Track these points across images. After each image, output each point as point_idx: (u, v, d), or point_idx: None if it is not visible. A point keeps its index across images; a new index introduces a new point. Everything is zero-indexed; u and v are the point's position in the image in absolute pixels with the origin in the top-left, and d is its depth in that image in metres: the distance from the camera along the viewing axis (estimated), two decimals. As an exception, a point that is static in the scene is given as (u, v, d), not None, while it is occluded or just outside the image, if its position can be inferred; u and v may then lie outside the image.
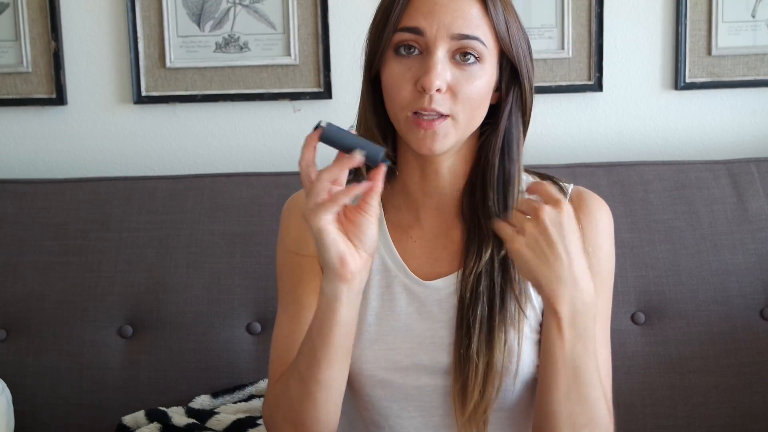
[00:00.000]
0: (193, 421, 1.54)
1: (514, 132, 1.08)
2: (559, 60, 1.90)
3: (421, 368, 1.07)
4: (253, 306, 1.68)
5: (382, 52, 1.03)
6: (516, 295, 1.05)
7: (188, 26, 1.90)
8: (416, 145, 1.02)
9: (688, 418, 1.62)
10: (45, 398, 1.66)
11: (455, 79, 1.00)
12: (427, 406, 1.09)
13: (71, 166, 1.95)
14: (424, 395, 1.08)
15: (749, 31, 1.90)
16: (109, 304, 1.69)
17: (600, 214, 1.10)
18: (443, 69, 0.99)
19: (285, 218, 1.17)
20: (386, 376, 1.08)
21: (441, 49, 0.99)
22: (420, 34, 1.00)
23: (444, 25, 0.99)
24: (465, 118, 1.02)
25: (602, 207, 1.11)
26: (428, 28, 0.99)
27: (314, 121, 1.93)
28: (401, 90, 1.01)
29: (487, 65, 1.02)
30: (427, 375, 1.07)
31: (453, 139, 1.02)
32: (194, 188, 1.77)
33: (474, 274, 1.05)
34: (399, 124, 1.04)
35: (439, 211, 1.11)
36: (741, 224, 1.69)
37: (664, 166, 1.77)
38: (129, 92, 1.93)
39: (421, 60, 1.01)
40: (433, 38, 0.99)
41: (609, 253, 1.11)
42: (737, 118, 1.94)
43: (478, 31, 1.00)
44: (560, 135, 1.94)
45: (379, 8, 1.06)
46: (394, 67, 1.02)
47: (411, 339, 1.08)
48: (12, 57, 1.92)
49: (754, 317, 1.66)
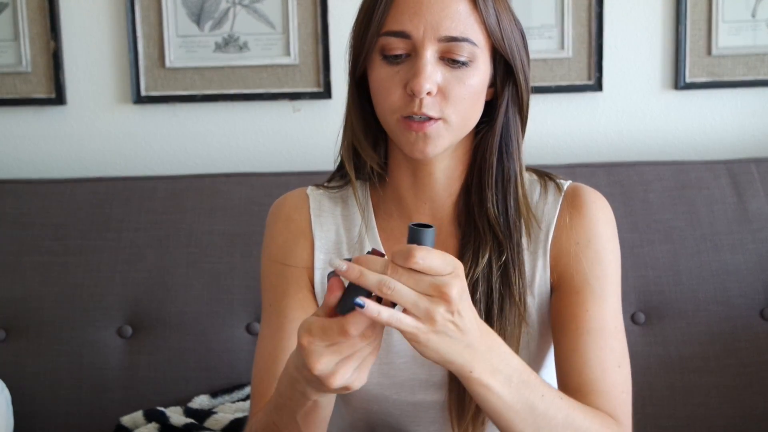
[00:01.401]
0: (192, 421, 1.54)
1: (512, 129, 1.03)
2: (559, 60, 1.90)
3: (416, 383, 1.05)
4: (253, 306, 1.68)
5: (367, 54, 0.99)
6: (516, 302, 1.01)
7: (188, 26, 1.90)
8: (408, 149, 0.98)
9: (688, 418, 1.61)
10: (44, 398, 1.66)
11: (445, 80, 0.96)
12: (423, 420, 1.06)
13: (71, 166, 1.95)
14: (420, 410, 1.06)
15: (749, 31, 1.90)
16: (109, 304, 1.69)
17: (594, 207, 1.05)
18: (432, 71, 0.95)
19: (270, 225, 1.12)
20: (381, 392, 1.05)
21: (429, 51, 0.95)
22: (406, 37, 0.95)
23: (431, 27, 0.94)
24: (458, 120, 0.98)
25: (597, 199, 1.06)
26: (414, 31, 0.95)
27: (314, 121, 1.94)
28: (390, 95, 0.97)
29: (479, 63, 0.97)
30: (423, 390, 1.05)
31: (446, 141, 0.98)
32: (194, 188, 1.77)
33: (470, 280, 1.00)
34: (389, 127, 1.00)
35: (434, 218, 1.07)
36: (741, 224, 1.69)
37: (664, 166, 1.76)
38: (128, 92, 1.93)
39: (409, 62, 0.96)
40: (421, 41, 0.95)
41: (609, 241, 1.05)
42: (737, 118, 1.94)
43: (468, 31, 0.96)
44: (560, 135, 1.93)
45: (361, 8, 1.01)
46: (381, 71, 0.98)
47: (405, 354, 1.04)
48: (11, 57, 1.92)
49: (754, 317, 1.66)
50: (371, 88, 1.01)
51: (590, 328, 1.01)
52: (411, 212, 1.07)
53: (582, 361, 1.00)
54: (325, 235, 1.09)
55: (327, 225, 1.10)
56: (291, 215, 1.11)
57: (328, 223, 1.10)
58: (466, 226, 1.05)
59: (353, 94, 1.05)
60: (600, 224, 1.05)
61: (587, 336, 1.01)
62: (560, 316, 1.03)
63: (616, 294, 1.05)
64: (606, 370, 1.00)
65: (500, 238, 1.02)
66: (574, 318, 1.01)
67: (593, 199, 1.06)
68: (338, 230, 1.10)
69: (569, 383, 1.00)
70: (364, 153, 1.05)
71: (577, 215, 1.04)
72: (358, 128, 1.05)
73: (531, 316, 1.04)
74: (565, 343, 1.01)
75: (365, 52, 0.99)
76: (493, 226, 1.02)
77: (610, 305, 1.03)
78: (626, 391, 1.01)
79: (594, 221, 1.05)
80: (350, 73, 1.05)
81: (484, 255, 1.01)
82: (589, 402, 0.98)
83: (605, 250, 1.05)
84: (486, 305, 1.01)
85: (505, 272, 1.02)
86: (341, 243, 1.09)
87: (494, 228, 1.02)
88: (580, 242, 1.04)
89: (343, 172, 1.10)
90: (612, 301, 1.04)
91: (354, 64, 1.03)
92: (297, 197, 1.12)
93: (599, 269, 1.03)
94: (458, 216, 1.06)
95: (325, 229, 1.10)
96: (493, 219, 1.03)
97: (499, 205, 1.03)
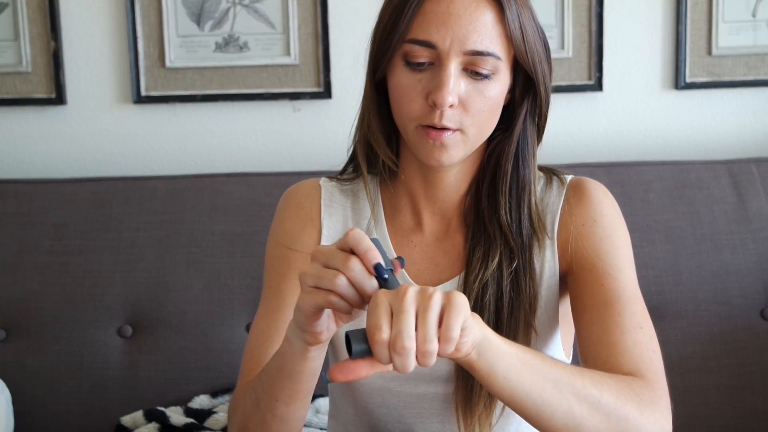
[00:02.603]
0: (192, 421, 1.54)
1: (528, 137, 1.05)
2: (559, 60, 1.90)
3: (420, 376, 1.05)
4: (253, 306, 1.67)
5: (389, 58, 0.98)
6: (526, 310, 1.01)
7: (188, 26, 1.90)
8: (424, 157, 0.99)
9: (688, 418, 1.61)
10: (44, 398, 1.66)
11: (467, 92, 0.96)
12: (425, 413, 1.07)
13: (71, 166, 1.95)
14: (423, 402, 1.06)
15: (749, 30, 1.90)
16: (109, 304, 1.69)
17: (596, 192, 1.07)
18: (456, 84, 0.95)
19: (281, 209, 1.14)
20: (384, 384, 1.06)
21: (454, 63, 0.94)
22: (432, 47, 0.95)
23: (458, 39, 0.94)
24: (475, 132, 0.98)
25: (597, 186, 1.08)
26: (441, 42, 0.94)
27: (314, 121, 1.94)
28: (411, 102, 0.97)
29: (500, 76, 0.98)
30: (426, 383, 1.05)
31: (462, 152, 0.99)
32: (194, 188, 1.77)
33: (479, 282, 1.01)
34: (407, 133, 1.00)
35: (442, 215, 1.08)
36: (741, 224, 1.69)
37: (664, 166, 1.76)
38: (129, 92, 1.93)
39: (432, 72, 0.96)
40: (446, 53, 0.94)
41: (614, 219, 1.07)
42: (737, 118, 1.94)
43: (493, 45, 0.95)
44: (560, 135, 1.93)
45: (385, 10, 1.00)
46: (403, 78, 0.97)
47: None
48: (11, 57, 1.92)
49: (754, 317, 1.66)
50: (391, 91, 1.01)
51: (607, 300, 0.99)
52: (420, 209, 1.09)
53: (601, 329, 0.97)
54: (334, 226, 1.10)
55: (336, 216, 1.11)
56: (302, 202, 1.12)
57: (337, 214, 1.11)
58: (475, 225, 1.05)
59: (370, 93, 1.05)
60: (603, 206, 1.06)
61: (604, 308, 0.99)
62: (577, 296, 1.03)
63: (630, 267, 1.04)
64: (626, 332, 0.96)
65: (512, 244, 1.03)
66: (591, 294, 1.01)
67: (594, 185, 1.08)
68: (347, 222, 1.11)
69: (589, 356, 0.97)
70: (380, 149, 1.06)
71: (579, 201, 1.06)
72: (375, 125, 1.05)
73: (539, 320, 1.04)
74: (585, 320, 1.00)
75: (388, 56, 0.98)
76: (506, 233, 1.03)
77: (625, 276, 1.02)
78: (652, 350, 0.97)
79: (596, 203, 1.06)
80: (369, 73, 1.04)
81: (494, 258, 1.02)
82: (611, 365, 0.94)
83: (612, 227, 1.05)
84: (495, 308, 1.01)
85: (515, 278, 1.02)
86: None
87: (506, 235, 1.03)
88: (585, 223, 1.05)
89: (355, 165, 1.11)
90: (627, 273, 1.03)
91: (375, 65, 1.02)
92: (309, 186, 1.14)
93: (609, 244, 1.03)
94: (466, 214, 1.07)
95: (334, 220, 1.11)
96: (505, 226, 1.03)
97: (512, 213, 1.04)
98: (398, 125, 1.02)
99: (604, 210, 1.06)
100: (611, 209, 1.07)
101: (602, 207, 1.06)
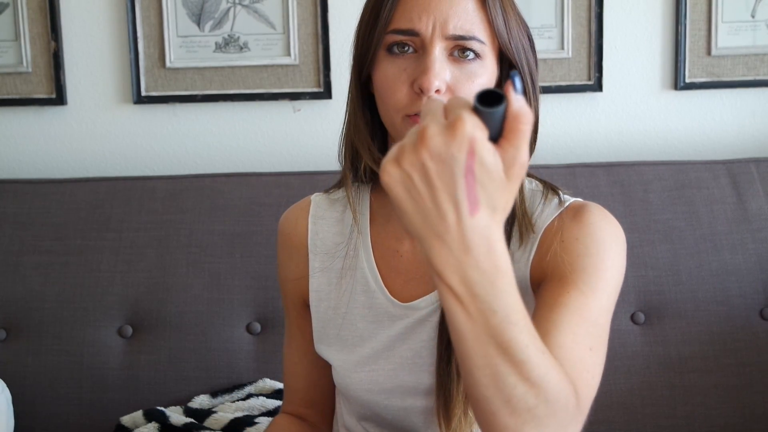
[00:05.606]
0: (192, 421, 1.54)
1: None
2: (559, 60, 1.90)
3: (405, 389, 1.04)
4: (253, 306, 1.68)
5: (373, 53, 0.97)
6: None
7: (188, 26, 1.90)
8: None
9: (688, 418, 1.61)
10: (45, 398, 1.66)
11: (455, 78, 0.94)
12: (410, 427, 1.06)
13: (71, 166, 1.95)
14: (411, 414, 1.05)
15: (749, 31, 1.90)
16: (109, 304, 1.69)
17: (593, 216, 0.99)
18: (441, 68, 0.93)
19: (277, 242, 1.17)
20: (370, 398, 1.05)
21: (437, 48, 0.93)
22: (414, 35, 0.94)
23: (439, 24, 0.93)
24: None
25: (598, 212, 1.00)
26: (423, 29, 0.93)
27: (314, 121, 1.94)
28: (396, 92, 0.95)
29: (487, 62, 0.96)
30: (411, 396, 1.04)
31: None
32: (194, 188, 1.77)
33: None
34: (394, 127, 0.97)
35: None
36: (741, 224, 1.69)
37: (664, 166, 1.76)
38: (129, 92, 1.93)
39: (417, 59, 0.94)
40: (429, 38, 0.93)
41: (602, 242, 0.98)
42: (737, 118, 1.94)
43: (475, 30, 0.94)
44: (560, 135, 1.94)
45: (366, 7, 0.99)
46: (387, 68, 0.96)
47: (393, 360, 1.03)
48: (12, 57, 1.92)
49: (754, 317, 1.66)
50: (376, 87, 0.99)
51: (568, 303, 0.92)
52: None
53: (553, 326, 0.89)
54: (321, 241, 1.10)
55: (324, 229, 1.11)
56: (288, 232, 1.14)
57: (324, 228, 1.11)
58: None
59: (356, 95, 1.03)
60: (595, 228, 0.99)
61: (563, 309, 0.91)
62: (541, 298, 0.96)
63: (607, 296, 0.95)
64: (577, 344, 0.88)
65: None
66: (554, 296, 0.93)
67: (595, 210, 1.01)
68: (334, 234, 1.10)
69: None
70: (364, 153, 1.03)
71: (572, 220, 0.99)
72: (361, 128, 1.03)
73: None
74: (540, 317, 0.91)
75: (372, 51, 0.97)
76: None
77: (596, 298, 0.93)
78: (594, 376, 0.89)
79: (588, 224, 0.99)
80: (354, 73, 1.02)
81: None
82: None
83: (597, 250, 0.97)
84: None
85: None
86: (338, 245, 1.09)
87: None
88: (566, 239, 0.98)
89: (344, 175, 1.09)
90: (599, 297, 0.94)
91: (359, 64, 1.01)
92: (298, 209, 1.15)
93: (588, 263, 0.96)
94: None
95: (321, 236, 1.10)
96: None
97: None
98: (385, 122, 0.99)
99: (594, 231, 0.98)
100: (604, 234, 0.99)
101: (592, 229, 0.98)
